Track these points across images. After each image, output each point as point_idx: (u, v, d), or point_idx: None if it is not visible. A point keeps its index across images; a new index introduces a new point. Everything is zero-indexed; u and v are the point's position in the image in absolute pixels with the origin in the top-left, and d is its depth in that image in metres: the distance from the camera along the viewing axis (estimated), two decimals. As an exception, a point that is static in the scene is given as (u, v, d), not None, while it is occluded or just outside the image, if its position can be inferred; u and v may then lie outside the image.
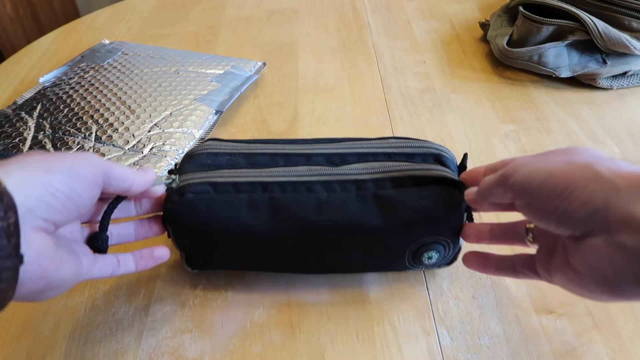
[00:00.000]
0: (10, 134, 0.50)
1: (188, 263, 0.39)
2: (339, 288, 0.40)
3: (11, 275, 0.23)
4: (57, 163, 0.26)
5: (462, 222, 0.35)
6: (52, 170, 0.25)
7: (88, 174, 0.27)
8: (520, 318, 0.37)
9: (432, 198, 0.33)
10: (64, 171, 0.26)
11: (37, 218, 0.24)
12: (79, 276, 0.29)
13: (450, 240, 0.36)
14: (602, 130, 0.55)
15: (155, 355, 0.36)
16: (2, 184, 0.23)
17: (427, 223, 0.34)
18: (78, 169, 0.27)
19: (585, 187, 0.23)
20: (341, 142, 0.38)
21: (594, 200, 0.23)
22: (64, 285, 0.27)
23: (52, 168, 0.26)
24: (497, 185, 0.29)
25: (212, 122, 0.54)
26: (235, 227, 0.34)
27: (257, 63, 0.64)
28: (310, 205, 0.34)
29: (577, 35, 0.58)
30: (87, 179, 0.27)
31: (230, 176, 0.35)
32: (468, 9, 0.80)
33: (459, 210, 0.34)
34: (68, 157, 0.27)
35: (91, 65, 0.61)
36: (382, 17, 0.78)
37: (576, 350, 0.35)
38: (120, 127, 0.51)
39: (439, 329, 0.37)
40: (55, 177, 0.25)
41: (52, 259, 0.26)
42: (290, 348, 0.36)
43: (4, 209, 0.22)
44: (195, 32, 0.76)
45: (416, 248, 0.36)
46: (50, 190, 0.25)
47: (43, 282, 0.25)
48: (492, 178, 0.29)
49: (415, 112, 0.59)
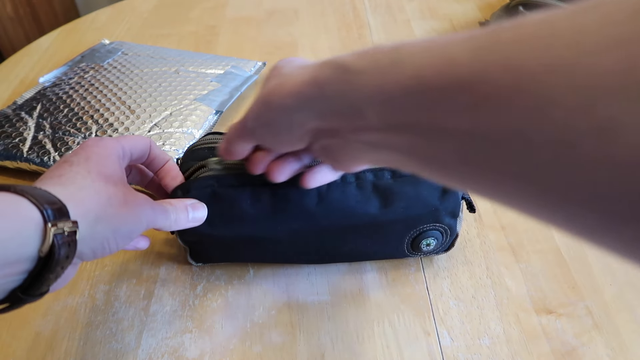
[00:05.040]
0: (10, 134, 0.50)
1: (192, 256, 0.40)
2: (339, 288, 0.40)
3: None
4: (123, 219, 0.28)
5: (459, 208, 0.36)
6: (116, 229, 0.27)
7: (135, 237, 0.29)
8: (520, 318, 0.37)
9: (429, 187, 0.35)
10: (124, 233, 0.28)
11: (79, 259, 0.26)
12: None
13: (447, 227, 0.37)
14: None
15: (155, 355, 0.36)
16: (76, 238, 0.24)
17: (424, 211, 0.35)
18: (133, 234, 0.29)
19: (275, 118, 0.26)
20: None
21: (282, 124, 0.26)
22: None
23: (119, 225, 0.27)
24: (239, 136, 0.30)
25: (212, 122, 0.54)
26: (238, 220, 0.35)
27: (257, 63, 0.64)
28: (311, 196, 0.35)
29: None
30: (132, 239, 0.29)
31: (232, 168, 0.36)
32: (468, 9, 0.80)
33: (455, 197, 0.35)
34: (132, 218, 0.28)
35: (91, 65, 0.61)
36: (382, 17, 0.78)
37: (576, 350, 0.35)
38: (120, 127, 0.51)
39: (439, 329, 0.37)
40: (115, 236, 0.27)
41: (63, 280, 0.27)
42: (290, 348, 0.36)
43: (69, 255, 0.24)
44: (195, 32, 0.76)
45: (415, 236, 0.37)
46: (104, 245, 0.27)
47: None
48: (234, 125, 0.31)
49: (415, 112, 0.58)
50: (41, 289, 0.24)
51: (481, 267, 0.41)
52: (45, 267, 0.23)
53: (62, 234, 0.23)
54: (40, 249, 0.23)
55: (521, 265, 0.41)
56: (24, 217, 0.23)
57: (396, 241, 0.37)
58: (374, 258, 0.41)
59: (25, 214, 0.23)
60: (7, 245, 0.22)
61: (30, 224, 0.23)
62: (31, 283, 0.24)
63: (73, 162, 0.28)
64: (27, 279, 0.24)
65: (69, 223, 0.24)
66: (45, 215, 0.23)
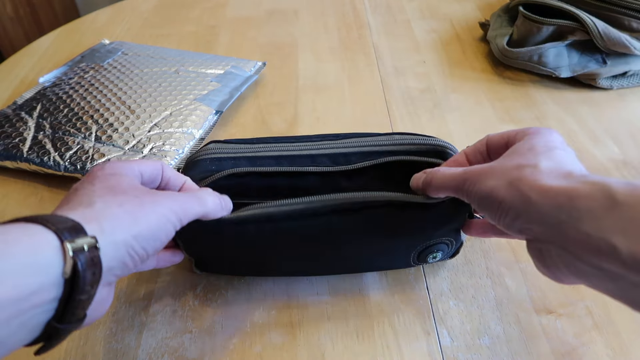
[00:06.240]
0: (10, 134, 0.50)
1: (197, 266, 0.39)
2: (339, 288, 0.40)
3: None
4: (144, 222, 0.26)
5: (465, 221, 0.36)
6: (138, 233, 0.26)
7: (164, 238, 0.27)
8: (520, 318, 0.37)
9: (439, 209, 0.34)
10: (147, 235, 0.26)
11: (110, 276, 0.25)
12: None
13: (454, 239, 0.36)
14: (602, 130, 0.55)
15: (155, 355, 0.36)
16: (98, 253, 0.23)
17: (433, 229, 0.35)
18: (159, 234, 0.27)
19: (510, 207, 0.26)
20: (345, 139, 0.38)
21: (518, 217, 0.26)
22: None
23: (139, 229, 0.26)
24: (451, 189, 0.30)
25: (212, 122, 0.54)
26: (242, 237, 0.34)
27: (257, 63, 0.64)
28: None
29: (577, 35, 0.58)
30: (162, 242, 0.27)
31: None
32: (468, 9, 0.80)
33: (463, 213, 0.35)
34: (153, 216, 0.27)
35: (91, 65, 0.61)
36: (382, 17, 0.78)
37: (576, 350, 0.35)
38: (120, 127, 0.51)
39: (439, 329, 0.37)
40: (138, 241, 0.26)
41: (100, 304, 0.26)
42: (290, 348, 0.36)
43: (95, 272, 0.23)
44: (195, 32, 0.76)
45: (421, 250, 0.36)
46: (131, 253, 0.26)
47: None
48: (447, 177, 0.30)
49: (415, 112, 0.59)
50: (76, 314, 0.23)
51: (481, 267, 0.41)
52: (73, 289, 0.22)
53: (83, 251, 0.22)
54: (64, 271, 0.22)
55: (521, 265, 0.41)
56: (39, 240, 0.22)
57: (402, 255, 0.37)
58: (378, 269, 0.41)
59: (40, 238, 0.22)
60: (26, 272, 0.21)
61: (47, 247, 0.22)
62: (64, 309, 0.23)
63: (78, 188, 0.27)
64: (59, 307, 0.23)
65: (86, 238, 0.23)
66: (62, 235, 0.22)
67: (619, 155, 0.52)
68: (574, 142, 0.54)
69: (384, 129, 0.56)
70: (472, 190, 0.28)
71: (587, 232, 0.22)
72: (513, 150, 0.29)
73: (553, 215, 0.24)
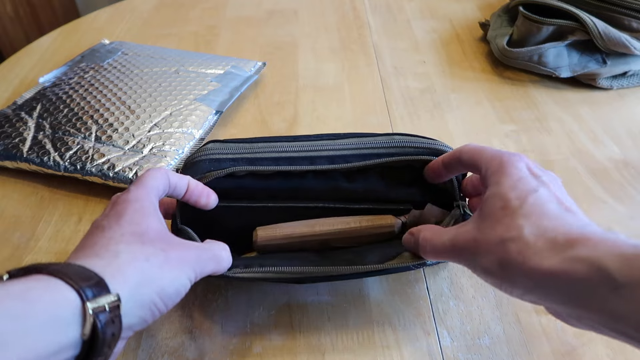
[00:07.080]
0: (10, 134, 0.50)
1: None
2: (339, 288, 0.40)
3: None
4: (168, 278, 0.26)
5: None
6: (161, 290, 0.26)
7: (183, 293, 0.28)
8: (520, 318, 0.37)
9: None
10: (171, 292, 0.26)
11: (128, 331, 0.25)
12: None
13: None
14: (602, 130, 0.55)
15: (155, 355, 0.36)
16: (119, 312, 0.23)
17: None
18: (180, 289, 0.27)
19: (512, 289, 0.26)
20: (344, 139, 0.38)
21: (525, 295, 0.26)
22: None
23: (163, 285, 0.26)
24: (448, 260, 0.31)
25: (212, 122, 0.54)
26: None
27: (257, 63, 0.64)
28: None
29: (577, 35, 0.58)
30: (181, 297, 0.28)
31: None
32: (468, 9, 0.80)
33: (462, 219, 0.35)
34: (177, 272, 0.27)
35: (91, 65, 0.61)
36: (382, 17, 0.78)
37: (576, 350, 0.35)
38: (120, 127, 0.51)
39: (439, 329, 0.37)
40: (161, 297, 0.26)
41: (112, 357, 0.26)
42: (290, 349, 0.36)
43: (114, 333, 0.23)
44: (195, 32, 0.76)
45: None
46: (152, 309, 0.26)
47: None
48: (439, 250, 0.31)
49: (415, 112, 0.59)
50: None
51: (481, 267, 0.41)
52: (90, 350, 0.22)
53: (104, 311, 0.22)
54: (83, 332, 0.21)
55: (521, 265, 0.41)
56: (61, 300, 0.21)
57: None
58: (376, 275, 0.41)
59: (61, 297, 0.21)
60: (45, 333, 0.20)
61: (68, 307, 0.21)
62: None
63: (104, 227, 0.26)
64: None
65: (109, 297, 0.22)
66: (83, 295, 0.21)
67: (619, 155, 0.52)
68: (574, 142, 0.54)
69: (384, 129, 0.56)
70: (468, 267, 0.29)
71: (597, 308, 0.23)
72: (489, 212, 0.27)
73: (558, 296, 0.24)
